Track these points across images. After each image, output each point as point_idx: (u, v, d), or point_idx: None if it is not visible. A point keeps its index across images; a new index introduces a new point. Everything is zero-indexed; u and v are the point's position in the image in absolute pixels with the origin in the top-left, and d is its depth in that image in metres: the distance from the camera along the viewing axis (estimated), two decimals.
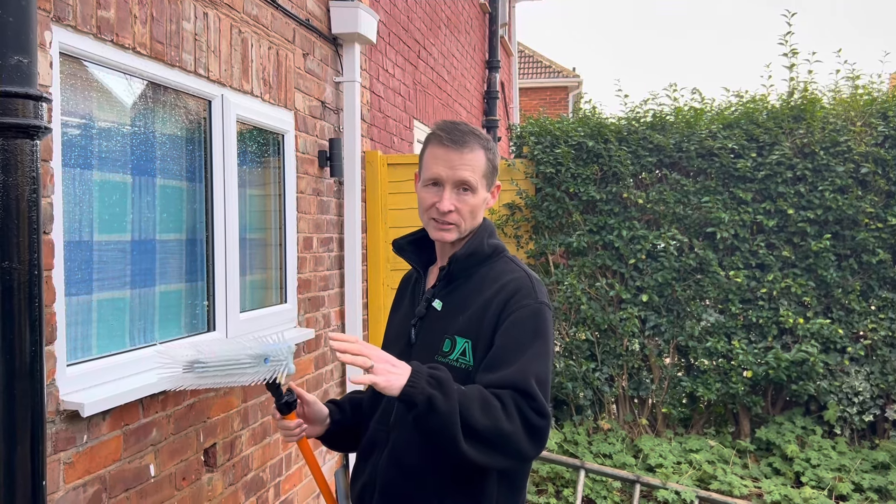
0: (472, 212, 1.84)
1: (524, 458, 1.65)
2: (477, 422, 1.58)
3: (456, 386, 1.63)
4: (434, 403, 1.57)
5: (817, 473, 4.94)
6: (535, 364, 1.68)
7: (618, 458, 5.12)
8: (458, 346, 1.77)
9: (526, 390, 1.63)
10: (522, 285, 1.79)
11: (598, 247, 5.62)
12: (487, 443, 1.60)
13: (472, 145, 1.83)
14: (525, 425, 1.62)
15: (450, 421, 1.57)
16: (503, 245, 1.93)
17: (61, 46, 2.02)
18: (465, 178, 1.81)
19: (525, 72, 19.65)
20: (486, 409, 1.60)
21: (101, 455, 2.14)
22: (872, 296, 5.29)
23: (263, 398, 3.15)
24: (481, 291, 1.81)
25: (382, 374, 1.59)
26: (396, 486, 1.79)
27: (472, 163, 1.82)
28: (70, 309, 2.12)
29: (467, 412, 1.58)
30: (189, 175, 2.76)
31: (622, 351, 5.52)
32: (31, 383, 1.54)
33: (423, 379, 1.60)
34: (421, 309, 1.90)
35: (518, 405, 1.62)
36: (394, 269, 4.53)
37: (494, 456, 1.62)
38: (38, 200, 1.57)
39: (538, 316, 1.75)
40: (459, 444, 1.57)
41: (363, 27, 3.99)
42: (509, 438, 1.60)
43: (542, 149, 5.65)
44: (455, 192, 1.82)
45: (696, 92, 5.96)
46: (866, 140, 5.28)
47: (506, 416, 1.60)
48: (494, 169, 1.89)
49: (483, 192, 1.86)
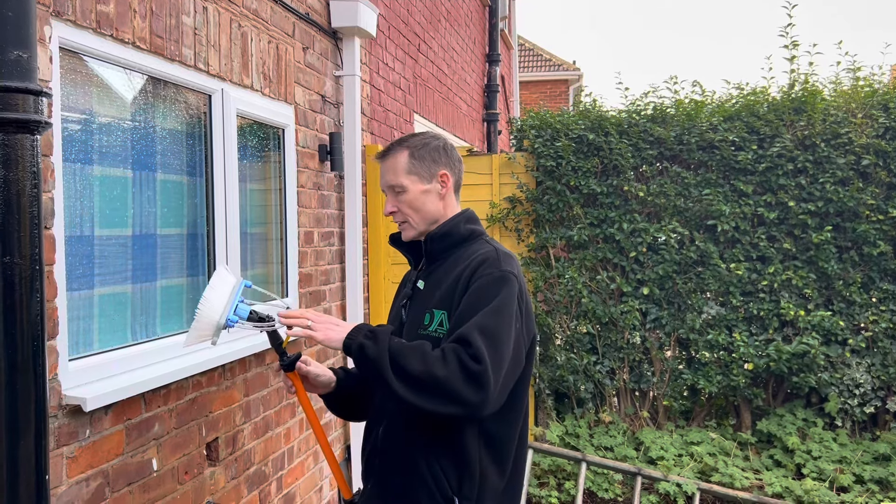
0: (412, 205, 2.03)
1: (465, 402, 1.72)
2: (410, 367, 1.75)
3: (397, 339, 1.83)
4: (364, 350, 1.80)
5: (818, 465, 4.95)
6: (483, 318, 1.79)
7: (619, 451, 5.13)
8: (436, 318, 1.92)
9: (465, 338, 1.76)
10: (489, 257, 1.92)
11: (599, 240, 5.61)
12: (422, 386, 1.74)
13: (393, 151, 2.05)
14: (461, 370, 1.72)
15: (379, 364, 1.77)
16: (482, 230, 2.08)
17: (61, 41, 2.02)
18: (388, 182, 2.05)
19: (525, 65, 19.61)
20: (423, 357, 1.76)
21: (103, 449, 2.14)
22: (873, 288, 5.29)
23: (265, 392, 3.16)
24: (455, 267, 1.97)
25: (321, 331, 1.88)
26: (391, 451, 1.97)
27: (392, 166, 2.04)
28: (71, 304, 2.12)
29: (401, 359, 1.76)
30: (189, 170, 2.76)
31: (623, 344, 5.52)
32: (34, 378, 1.55)
33: (361, 333, 1.84)
34: (408, 291, 2.10)
35: (456, 353, 1.74)
36: (395, 263, 4.53)
37: (433, 399, 1.74)
38: (39, 195, 1.57)
39: (499, 282, 1.86)
40: (392, 385, 1.75)
41: (363, 21, 3.98)
42: (443, 382, 1.72)
43: (542, 142, 5.64)
44: (392, 196, 2.05)
45: (697, 84, 5.94)
46: (867, 132, 5.27)
47: (443, 363, 1.74)
48: (423, 160, 2.03)
49: (416, 185, 2.02)
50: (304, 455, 3.57)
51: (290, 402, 3.39)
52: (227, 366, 2.83)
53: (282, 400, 3.31)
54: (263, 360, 3.14)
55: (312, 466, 3.67)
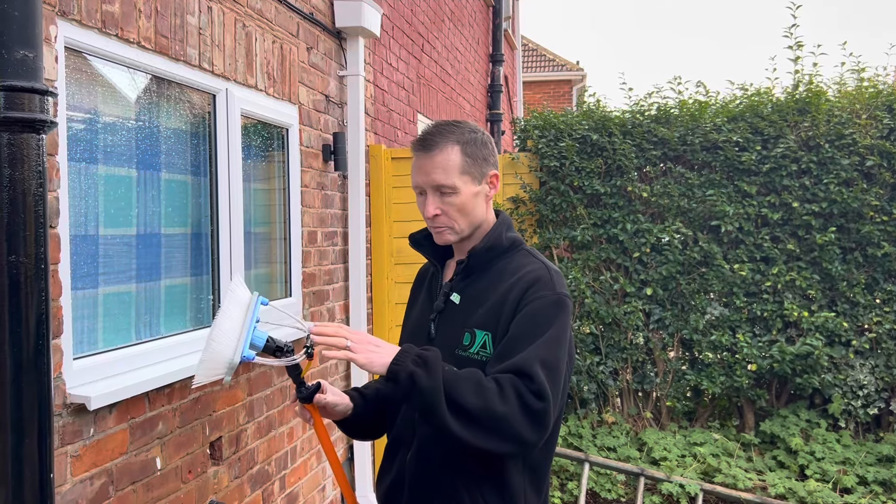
0: (461, 210, 1.82)
1: (523, 441, 1.60)
2: (466, 401, 1.57)
3: (448, 367, 1.64)
4: (416, 380, 1.59)
5: (822, 466, 4.94)
6: (543, 349, 1.65)
7: (622, 452, 5.13)
8: (479, 339, 1.75)
9: (527, 372, 1.61)
10: (541, 276, 1.76)
11: (603, 240, 5.61)
12: (478, 423, 1.58)
13: (442, 145, 1.80)
14: (522, 407, 1.58)
15: (433, 397, 1.57)
16: (521, 238, 1.91)
17: (66, 41, 2.03)
18: (438, 181, 1.79)
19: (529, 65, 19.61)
20: (478, 389, 1.59)
21: (107, 448, 2.15)
22: (877, 289, 5.28)
23: (268, 391, 3.16)
24: (499, 283, 1.79)
25: (362, 353, 1.64)
26: (425, 481, 1.79)
27: (443, 164, 1.79)
28: (76, 303, 2.12)
29: (455, 391, 1.58)
30: (194, 169, 2.76)
31: (626, 344, 5.52)
32: (38, 376, 1.55)
33: (409, 358, 1.62)
34: (439, 303, 1.89)
35: (516, 387, 1.59)
36: (398, 262, 4.54)
37: (489, 438, 1.59)
38: (45, 194, 1.57)
39: (555, 306, 1.72)
40: (445, 421, 1.57)
41: (367, 21, 3.98)
42: (503, 420, 1.57)
43: (546, 142, 5.64)
44: (437, 196, 1.81)
45: (701, 85, 5.94)
46: (871, 133, 5.26)
47: (501, 397, 1.58)
48: (478, 160, 1.83)
49: (468, 187, 1.81)
50: (307, 455, 3.58)
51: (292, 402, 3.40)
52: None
53: (285, 399, 3.32)
54: None
55: (315, 466, 3.68)
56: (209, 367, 1.78)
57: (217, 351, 1.76)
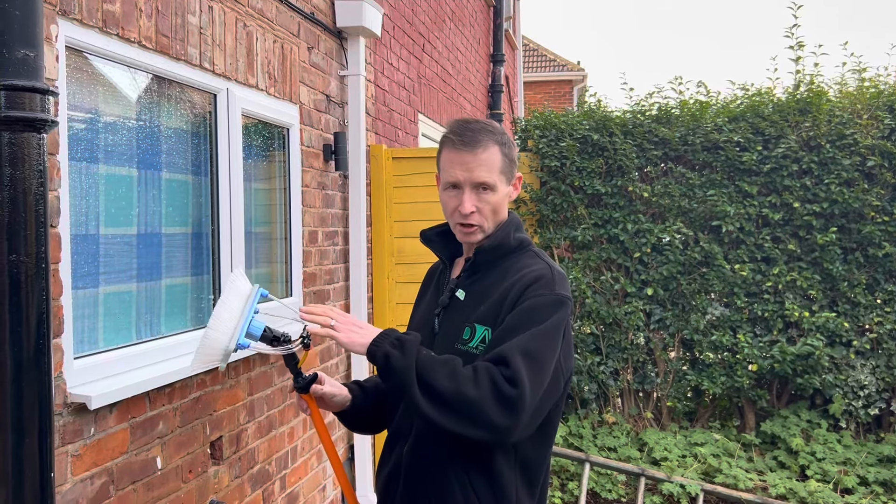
0: (495, 210, 1.85)
1: (495, 427, 1.60)
2: (438, 384, 1.62)
3: (426, 351, 1.69)
4: (389, 360, 1.66)
5: (822, 467, 4.94)
6: (528, 340, 1.67)
7: (623, 452, 5.13)
8: (478, 334, 1.78)
9: (504, 358, 1.63)
10: (542, 275, 1.78)
11: (603, 240, 5.61)
12: (449, 405, 1.61)
13: (486, 143, 1.83)
14: (493, 391, 1.60)
15: (404, 376, 1.63)
16: (529, 239, 1.92)
17: (67, 40, 2.03)
18: (482, 179, 1.82)
19: (530, 65, 19.61)
20: (452, 374, 1.63)
21: (108, 447, 2.15)
22: (878, 289, 5.28)
23: (269, 391, 3.16)
24: (503, 281, 1.81)
25: (344, 332, 1.74)
26: (418, 472, 1.83)
27: (488, 162, 1.82)
28: (77, 302, 2.12)
29: (429, 374, 1.63)
30: (194, 169, 2.76)
31: (627, 344, 5.52)
32: (39, 376, 1.55)
33: (387, 339, 1.70)
34: (444, 299, 1.92)
35: (490, 373, 1.62)
36: (399, 262, 4.53)
37: (461, 421, 1.62)
38: (45, 194, 1.57)
39: (552, 306, 1.73)
40: (417, 401, 1.63)
41: (368, 21, 3.98)
42: (473, 404, 1.60)
43: (546, 142, 5.64)
44: (475, 193, 1.83)
45: (702, 85, 5.95)
46: (873, 133, 5.26)
47: (474, 382, 1.61)
48: (512, 161, 1.88)
49: (503, 187, 1.86)
50: (308, 454, 3.58)
51: (293, 402, 3.40)
52: (231, 364, 2.84)
53: (285, 399, 3.32)
54: (267, 360, 3.14)
55: (316, 466, 3.68)
56: (205, 353, 1.83)
57: (213, 338, 1.81)
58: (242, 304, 1.89)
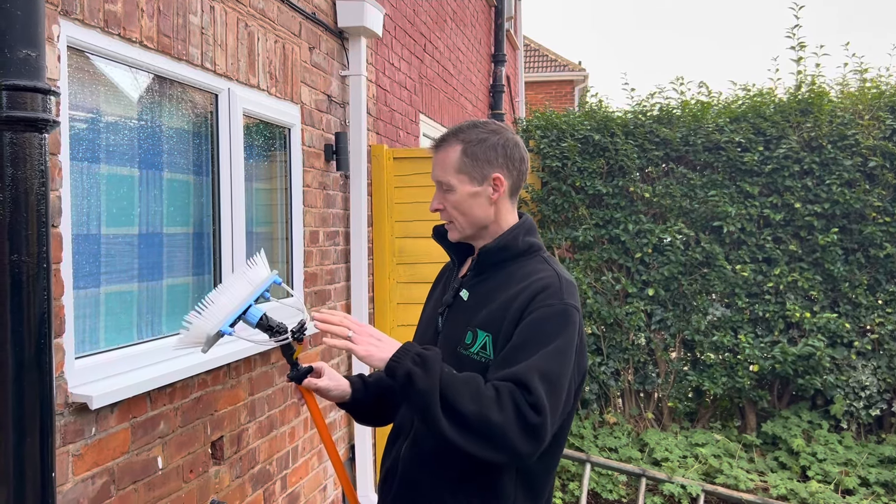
0: (458, 208, 1.82)
1: (517, 453, 1.57)
2: (462, 406, 1.57)
3: (448, 368, 1.63)
4: (413, 379, 1.59)
5: (823, 468, 4.93)
6: (545, 361, 1.62)
7: (623, 452, 5.12)
8: (479, 340, 1.74)
9: (525, 383, 1.58)
10: (550, 284, 1.73)
11: (605, 241, 5.61)
12: (472, 429, 1.57)
13: (448, 142, 1.83)
14: (518, 418, 1.56)
15: (428, 398, 1.57)
16: (541, 244, 1.88)
17: (69, 40, 2.03)
18: (436, 177, 1.85)
19: (531, 65, 19.61)
20: (476, 395, 1.58)
21: (109, 447, 2.15)
22: (880, 290, 5.28)
23: (270, 391, 3.16)
24: (508, 287, 1.77)
25: (362, 345, 1.68)
26: (413, 473, 1.80)
27: (442, 161, 1.83)
28: (78, 302, 2.12)
29: (452, 394, 1.57)
30: (196, 169, 2.77)
31: (628, 345, 5.51)
32: (40, 375, 1.55)
33: (408, 356, 1.63)
34: (448, 297, 1.89)
35: (514, 398, 1.57)
36: (400, 262, 4.53)
37: (482, 445, 1.57)
38: (47, 194, 1.57)
39: (560, 316, 1.69)
40: (439, 424, 1.57)
41: (369, 21, 3.98)
42: (497, 429, 1.56)
43: (548, 142, 5.64)
44: (440, 192, 1.85)
45: (703, 86, 5.94)
46: (874, 133, 5.26)
47: (497, 406, 1.56)
48: (478, 161, 1.81)
49: (465, 186, 1.80)
50: (309, 454, 3.58)
51: (294, 402, 3.40)
52: (233, 364, 2.84)
53: (286, 399, 3.32)
54: (269, 359, 3.14)
55: (317, 466, 3.68)
56: (191, 336, 1.85)
57: (200, 322, 1.84)
58: (246, 290, 1.90)
